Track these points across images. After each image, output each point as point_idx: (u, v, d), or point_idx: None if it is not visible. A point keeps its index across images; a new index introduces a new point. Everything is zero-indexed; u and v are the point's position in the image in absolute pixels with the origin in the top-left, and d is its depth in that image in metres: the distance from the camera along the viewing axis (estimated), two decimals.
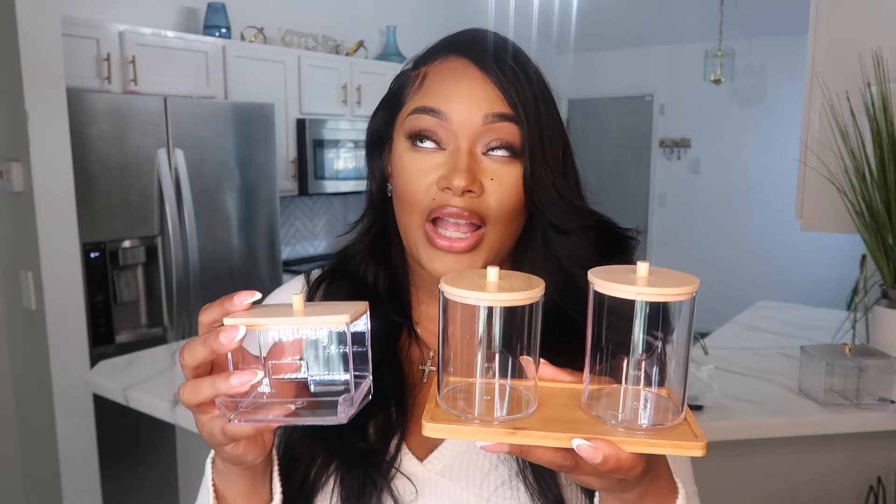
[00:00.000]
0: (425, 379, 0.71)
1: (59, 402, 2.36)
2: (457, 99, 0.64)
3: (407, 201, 0.66)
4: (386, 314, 0.71)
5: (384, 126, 0.71)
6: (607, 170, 6.02)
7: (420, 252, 0.66)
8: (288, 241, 4.24)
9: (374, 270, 0.73)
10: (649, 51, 5.87)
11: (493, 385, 0.48)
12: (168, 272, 2.88)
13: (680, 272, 0.46)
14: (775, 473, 1.70)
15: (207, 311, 0.50)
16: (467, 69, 0.65)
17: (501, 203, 0.64)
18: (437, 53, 0.69)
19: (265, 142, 3.26)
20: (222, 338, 0.46)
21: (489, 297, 0.44)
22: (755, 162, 5.54)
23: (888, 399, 1.63)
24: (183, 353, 0.48)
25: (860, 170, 1.78)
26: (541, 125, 0.65)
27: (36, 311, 2.34)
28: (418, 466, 0.65)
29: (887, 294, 1.79)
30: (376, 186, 0.73)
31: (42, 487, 2.50)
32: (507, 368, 0.47)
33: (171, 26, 3.48)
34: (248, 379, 0.46)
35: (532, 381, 0.48)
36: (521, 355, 0.47)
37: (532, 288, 0.45)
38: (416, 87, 0.67)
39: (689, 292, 0.43)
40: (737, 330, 2.45)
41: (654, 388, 0.47)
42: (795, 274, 5.34)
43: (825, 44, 1.98)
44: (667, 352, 0.46)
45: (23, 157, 2.26)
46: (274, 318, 0.46)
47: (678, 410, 0.47)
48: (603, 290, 0.44)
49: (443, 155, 0.64)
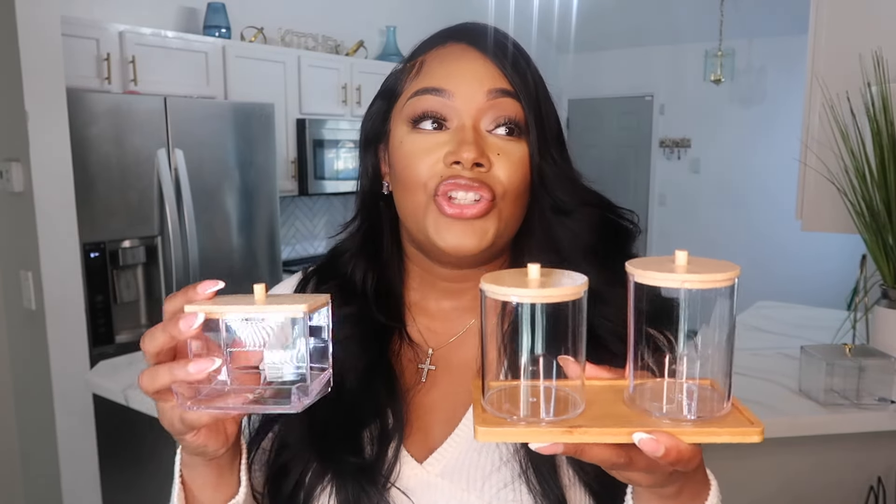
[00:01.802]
0: (423, 378, 0.70)
1: (59, 402, 2.36)
2: (458, 76, 0.63)
3: (411, 182, 0.64)
4: (374, 317, 0.70)
5: (381, 119, 0.70)
6: (607, 170, 6.02)
7: (429, 228, 0.63)
8: (288, 241, 4.24)
9: (362, 270, 0.72)
10: (649, 51, 5.86)
11: (537, 388, 0.47)
12: (168, 272, 2.88)
13: (716, 260, 0.46)
14: (775, 473, 1.70)
15: (171, 299, 0.49)
16: (466, 52, 0.65)
17: (510, 178, 0.63)
18: (432, 43, 0.68)
19: (265, 142, 3.26)
20: (181, 324, 0.46)
21: (533, 294, 0.43)
22: (755, 162, 5.54)
23: (888, 399, 1.62)
24: (144, 339, 0.48)
25: (860, 170, 1.78)
26: (541, 107, 0.65)
27: (36, 311, 2.34)
28: (417, 468, 0.64)
29: (887, 294, 1.79)
30: (369, 184, 0.72)
31: (42, 487, 2.50)
32: (553, 368, 0.46)
33: (171, 26, 3.48)
34: (206, 367, 0.46)
35: (577, 382, 0.47)
36: (565, 354, 0.46)
37: (576, 283, 0.44)
38: (414, 75, 0.66)
39: (731, 278, 0.42)
40: (737, 330, 2.45)
41: (697, 381, 0.46)
42: (795, 274, 5.34)
43: (825, 44, 1.98)
44: (710, 340, 0.45)
45: (23, 157, 2.26)
46: (232, 307, 0.46)
47: (723, 399, 0.46)
48: (644, 281, 0.43)
49: (447, 133, 0.63)
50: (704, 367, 0.46)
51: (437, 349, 0.72)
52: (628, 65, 5.99)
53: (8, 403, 2.54)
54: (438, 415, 0.68)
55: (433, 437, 0.66)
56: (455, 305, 0.72)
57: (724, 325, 0.45)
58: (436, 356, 0.72)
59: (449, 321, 0.73)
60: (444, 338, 0.72)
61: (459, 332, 0.72)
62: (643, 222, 4.49)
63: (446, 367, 0.71)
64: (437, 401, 0.69)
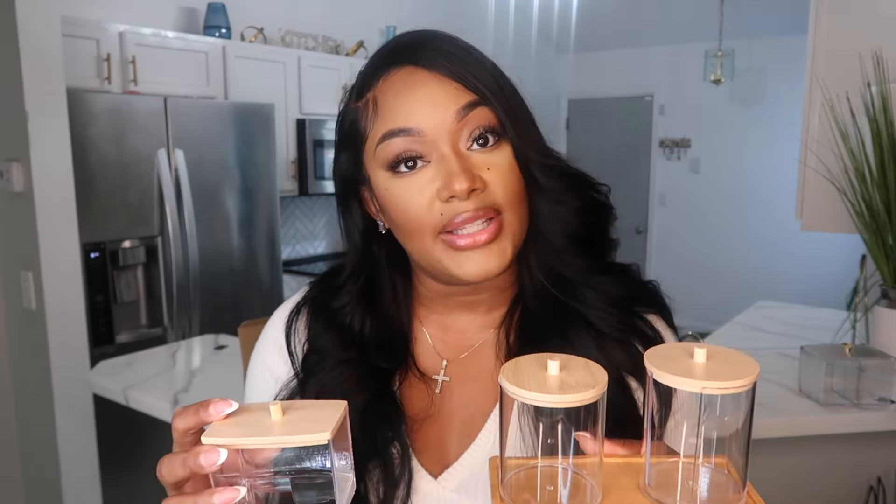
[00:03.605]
0: (438, 390, 0.69)
1: (59, 402, 2.36)
2: (420, 108, 0.60)
3: (413, 228, 0.62)
4: (374, 364, 0.68)
5: (353, 167, 0.66)
6: (607, 170, 6.00)
7: (444, 262, 0.62)
8: (288, 241, 4.24)
9: (360, 320, 0.69)
10: (649, 51, 5.86)
11: (555, 471, 0.47)
12: (168, 272, 2.88)
13: (738, 352, 0.45)
14: (775, 473, 1.70)
15: (182, 417, 0.48)
16: (415, 75, 0.61)
17: (507, 188, 0.61)
18: (377, 72, 0.64)
19: (265, 142, 3.26)
20: (202, 461, 0.45)
21: (554, 400, 0.43)
22: (755, 162, 5.54)
23: (888, 399, 1.63)
24: (161, 469, 0.48)
25: (860, 170, 1.78)
26: (508, 98, 0.63)
27: (36, 311, 2.34)
28: (433, 483, 0.64)
29: (887, 294, 1.79)
30: (360, 234, 0.69)
31: (42, 487, 2.50)
32: (570, 453, 0.46)
33: (171, 26, 3.48)
34: (231, 497, 0.45)
35: (594, 461, 0.47)
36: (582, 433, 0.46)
37: (597, 382, 0.44)
38: (372, 115, 0.63)
39: (751, 382, 0.42)
40: (737, 330, 2.45)
41: (712, 460, 0.46)
42: (795, 274, 5.34)
43: (825, 44, 1.98)
44: (727, 430, 0.45)
45: (23, 157, 2.26)
46: (252, 439, 0.45)
47: (739, 488, 0.46)
48: (665, 382, 0.43)
49: (430, 169, 0.60)
50: (720, 452, 0.46)
51: (451, 361, 0.70)
52: (628, 65, 5.99)
53: (8, 403, 2.54)
54: (454, 428, 0.67)
55: (449, 451, 0.66)
56: (469, 318, 0.71)
57: (742, 418, 0.45)
58: (450, 368, 0.70)
59: (463, 333, 0.71)
60: (458, 350, 0.71)
61: (475, 345, 0.70)
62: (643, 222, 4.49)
63: (461, 380, 0.70)
64: (452, 414, 0.68)
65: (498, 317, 0.71)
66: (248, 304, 3.22)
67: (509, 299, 0.71)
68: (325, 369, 0.67)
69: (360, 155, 0.65)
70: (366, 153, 0.64)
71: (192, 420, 0.47)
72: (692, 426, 0.45)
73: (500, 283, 0.69)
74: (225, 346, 2.27)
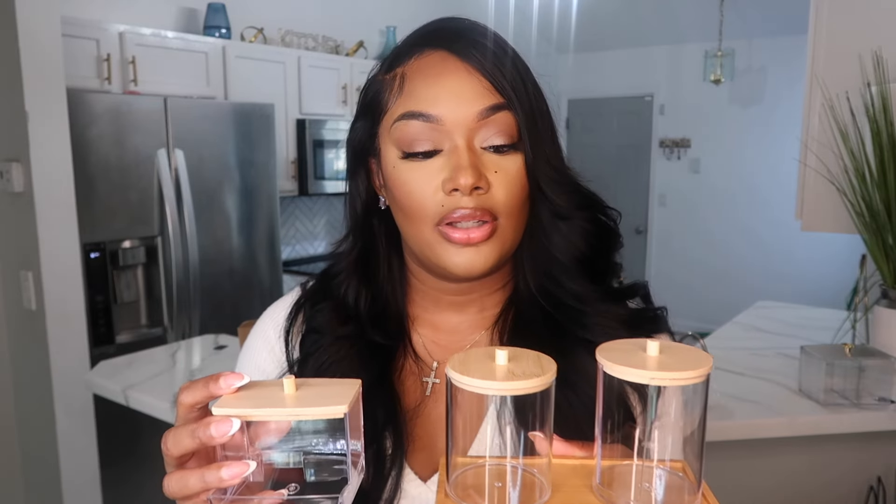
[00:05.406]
0: (428, 392, 0.69)
1: (59, 402, 2.36)
2: (445, 98, 0.60)
3: (413, 212, 0.62)
4: (370, 338, 0.68)
5: (367, 137, 0.67)
6: (607, 170, 6.02)
7: (437, 252, 0.63)
8: (288, 241, 4.24)
9: (355, 291, 0.69)
10: (649, 51, 5.87)
11: (504, 469, 0.46)
12: (168, 272, 2.88)
13: (692, 348, 0.45)
14: (775, 473, 1.70)
15: (190, 391, 0.46)
16: (447, 62, 0.61)
17: (510, 195, 0.61)
18: (410, 50, 0.64)
19: (265, 142, 3.26)
20: (213, 430, 0.42)
21: (499, 387, 0.42)
22: (755, 162, 5.54)
23: (888, 399, 1.63)
24: (167, 441, 0.45)
25: (860, 170, 1.78)
26: (532, 107, 0.62)
27: (36, 311, 2.34)
28: (422, 487, 0.64)
29: (887, 294, 1.79)
30: (362, 204, 0.69)
31: (42, 487, 2.50)
32: (519, 451, 0.46)
33: (171, 27, 3.48)
34: (241, 471, 0.43)
35: (544, 460, 0.47)
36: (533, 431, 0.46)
37: (544, 371, 0.44)
38: (397, 90, 0.63)
39: (702, 375, 0.42)
40: (737, 330, 2.45)
41: (668, 464, 0.46)
42: (795, 274, 5.34)
43: (825, 44, 1.98)
44: (681, 428, 0.45)
45: (23, 157, 2.26)
46: (266, 410, 0.43)
47: (694, 490, 0.45)
48: (614, 374, 0.43)
49: (440, 158, 0.61)
50: (675, 452, 0.46)
51: (442, 362, 0.70)
52: (628, 65, 5.99)
53: (8, 403, 2.54)
54: (443, 431, 0.67)
55: (438, 454, 0.65)
56: (460, 318, 0.71)
57: (695, 412, 0.44)
58: (441, 370, 0.70)
59: (454, 334, 0.71)
60: (449, 351, 0.71)
61: (466, 346, 0.70)
62: (643, 222, 4.51)
63: None
64: (442, 416, 0.67)
65: (490, 317, 0.71)
66: (247, 304, 3.22)
67: (502, 300, 0.71)
68: (322, 347, 0.67)
69: (375, 126, 0.65)
70: (382, 126, 0.64)
71: (200, 394, 0.45)
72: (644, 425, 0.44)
73: (490, 283, 0.69)
74: (225, 346, 2.27)
